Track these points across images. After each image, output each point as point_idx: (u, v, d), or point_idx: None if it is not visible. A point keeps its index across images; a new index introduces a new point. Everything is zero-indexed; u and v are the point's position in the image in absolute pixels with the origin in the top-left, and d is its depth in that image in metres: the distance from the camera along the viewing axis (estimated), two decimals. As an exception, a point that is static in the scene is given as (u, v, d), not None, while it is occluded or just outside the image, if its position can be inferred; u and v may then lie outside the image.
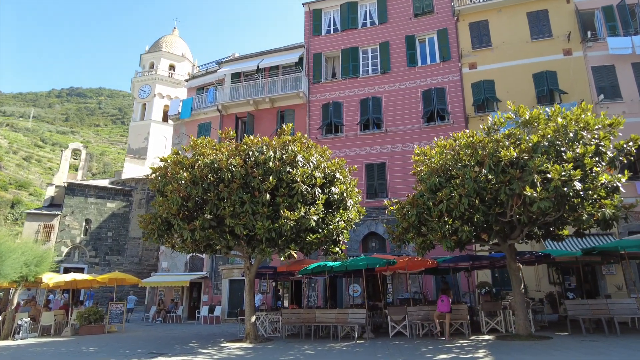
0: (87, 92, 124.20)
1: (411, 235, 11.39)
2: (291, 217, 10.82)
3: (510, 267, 11.74)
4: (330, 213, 12.06)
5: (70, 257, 32.10)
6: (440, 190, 10.60)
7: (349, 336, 13.06)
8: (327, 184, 11.98)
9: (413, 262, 13.58)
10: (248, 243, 11.96)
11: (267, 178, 11.16)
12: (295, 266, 14.93)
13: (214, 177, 11.43)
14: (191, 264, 23.66)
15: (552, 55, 20.09)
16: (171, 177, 11.58)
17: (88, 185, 33.46)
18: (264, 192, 11.01)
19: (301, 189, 11.04)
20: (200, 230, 11.09)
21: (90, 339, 14.64)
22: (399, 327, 12.91)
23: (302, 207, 11.23)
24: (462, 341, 11.22)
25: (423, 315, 12.55)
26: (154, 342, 13.51)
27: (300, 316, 13.37)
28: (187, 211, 11.91)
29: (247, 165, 11.29)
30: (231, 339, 13.28)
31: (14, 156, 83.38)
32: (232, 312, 21.69)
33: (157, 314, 22.69)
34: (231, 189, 11.13)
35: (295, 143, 11.73)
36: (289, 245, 11.42)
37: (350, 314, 12.88)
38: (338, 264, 13.20)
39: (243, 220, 11.05)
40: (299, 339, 13.02)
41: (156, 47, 40.36)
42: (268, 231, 11.01)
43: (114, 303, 17.28)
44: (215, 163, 11.24)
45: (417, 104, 21.60)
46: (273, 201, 11.46)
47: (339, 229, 11.84)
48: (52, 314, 16.58)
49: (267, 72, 24.49)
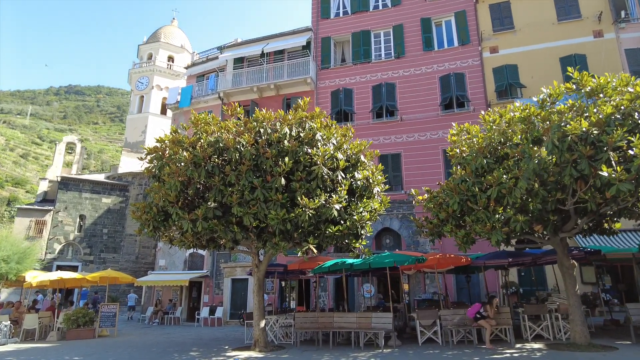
0: (86, 89, 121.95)
1: (450, 227, 9.60)
2: (310, 205, 9.02)
3: (562, 265, 9.96)
4: (353, 202, 10.26)
5: (64, 254, 30.17)
6: (489, 173, 8.84)
7: (372, 343, 11.28)
8: (350, 168, 10.18)
9: (445, 259, 11.80)
10: (258, 236, 10.14)
11: (281, 159, 9.36)
12: (308, 264, 13.10)
13: (219, 158, 9.61)
14: (191, 262, 21.80)
15: (581, 38, 18.38)
16: (169, 158, 9.75)
17: (82, 179, 31.55)
18: (278, 175, 9.20)
19: (321, 173, 9.23)
20: (203, 220, 9.26)
21: (77, 345, 12.78)
22: (429, 333, 11.14)
23: (322, 193, 9.43)
24: (509, 351, 9.44)
25: (459, 320, 10.78)
26: (148, 349, 11.67)
27: (315, 320, 11.57)
28: (187, 199, 10.09)
29: (258, 144, 9.47)
30: (237, 347, 11.45)
31: (10, 153, 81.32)
32: (234, 313, 19.85)
33: (154, 315, 20.81)
34: (239, 172, 9.31)
35: (314, 119, 9.91)
36: (306, 239, 9.61)
37: (374, 318, 11.08)
38: (359, 262, 11.40)
39: (253, 209, 9.23)
40: (314, 347, 11.22)
41: (154, 37, 38.45)
42: (282, 222, 9.19)
43: (106, 304, 15.41)
44: (220, 142, 9.41)
45: (434, 90, 19.85)
46: (288, 187, 9.66)
47: (363, 221, 10.04)
48: (36, 317, 14.70)
49: (272, 58, 22.66)
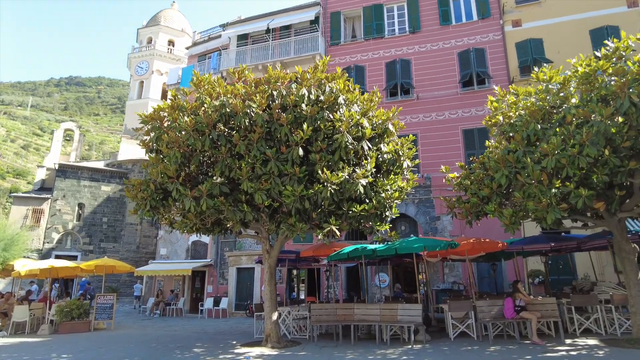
0: (87, 81, 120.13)
1: (493, 206, 8.19)
2: (332, 180, 7.61)
3: (620, 249, 8.58)
4: (379, 178, 8.85)
5: (62, 244, 28.82)
6: (543, 141, 7.42)
7: (397, 338, 9.95)
8: (376, 139, 8.75)
9: (480, 244, 10.41)
10: (270, 217, 8.75)
11: (299, 126, 7.94)
12: (323, 250, 11.75)
13: (225, 126, 8.18)
14: (193, 251, 20.47)
15: (614, 8, 16.82)
16: (168, 127, 8.33)
17: (81, 167, 30.11)
18: (295, 145, 7.78)
19: (345, 142, 7.81)
20: (208, 198, 7.87)
21: (70, 339, 11.48)
22: (462, 326, 9.81)
23: (346, 167, 8.02)
24: (563, 348, 8.08)
25: (497, 311, 9.43)
26: (147, 344, 10.36)
27: (334, 313, 10.22)
28: (189, 174, 8.69)
29: (271, 109, 8.03)
30: (247, 342, 10.12)
31: (11, 144, 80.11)
32: (240, 304, 18.57)
33: (155, 306, 19.52)
34: (250, 142, 7.88)
35: (335, 81, 8.45)
36: (326, 220, 8.21)
37: (401, 309, 9.73)
38: (382, 247, 10.03)
39: (265, 185, 7.83)
40: (333, 342, 9.89)
41: (154, 21, 36.79)
42: (299, 199, 7.79)
43: (102, 295, 14.08)
44: (227, 106, 7.97)
45: (453, 66, 18.34)
46: (306, 159, 8.26)
47: (391, 199, 8.63)
48: (27, 308, 13.38)
49: (278, 34, 21.12)
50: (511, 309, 9.14)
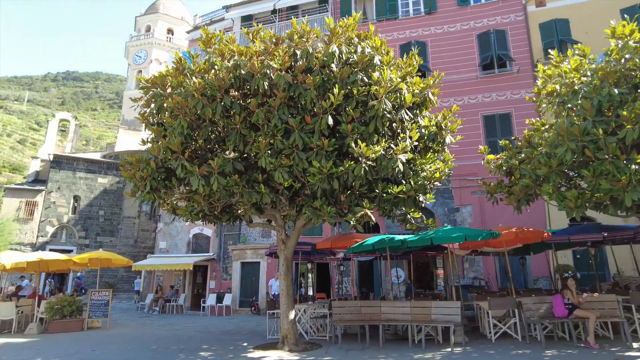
0: (84, 76, 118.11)
1: (551, 187, 6.92)
2: (368, 154, 6.33)
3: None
4: (417, 155, 7.57)
5: (57, 237, 27.42)
6: (621, 108, 6.18)
7: (431, 339, 8.69)
8: (415, 109, 7.46)
9: (523, 234, 9.14)
10: (290, 200, 7.45)
11: (327, 91, 6.65)
12: (342, 242, 10.48)
13: (239, 91, 6.87)
14: (195, 244, 19.14)
15: (646, -15, 15.60)
16: (172, 93, 7.00)
17: (77, 158, 28.68)
18: (323, 113, 6.49)
19: (384, 109, 6.52)
20: (219, 176, 6.57)
21: (60, 340, 10.16)
22: (504, 327, 8.57)
23: (382, 140, 6.74)
24: (633, 353, 6.86)
25: (546, 310, 8.19)
26: (146, 346, 9.05)
27: (358, 311, 8.94)
28: (196, 150, 7.39)
29: (295, 70, 6.72)
30: (260, 345, 8.82)
31: (7, 139, 78.36)
32: (244, 301, 17.27)
33: (154, 303, 18.20)
34: (269, 108, 6.59)
35: (370, 39, 7.15)
36: (358, 203, 6.94)
37: (436, 307, 8.47)
38: (413, 238, 8.75)
39: (287, 161, 6.54)
40: (358, 344, 8.62)
41: (153, 8, 35.29)
42: (327, 178, 6.51)
43: (97, 291, 12.75)
44: (242, 67, 6.66)
45: (472, 49, 17.09)
46: (334, 131, 6.97)
47: (433, 179, 7.35)
48: (13, 305, 12.04)
49: (284, 15, 19.79)
50: (562, 307, 7.92)
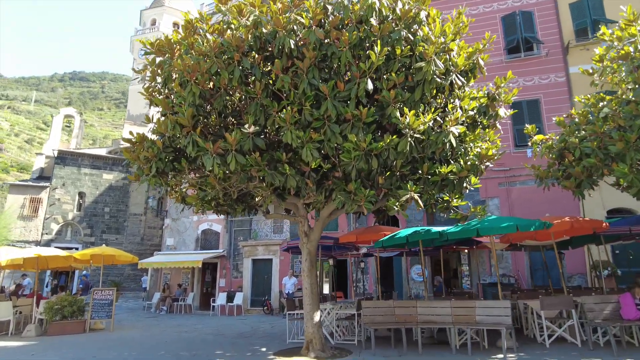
0: (90, 76, 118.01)
1: (626, 167, 5.78)
2: (415, 126, 5.22)
3: None
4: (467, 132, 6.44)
5: (62, 235, 26.49)
6: None
7: (475, 343, 7.57)
8: (463, 77, 6.34)
9: (579, 223, 7.97)
10: (318, 183, 6.36)
11: (364, 50, 5.56)
12: (368, 235, 9.37)
13: (260, 53, 5.77)
14: (203, 240, 18.11)
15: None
16: (181, 56, 5.91)
17: (81, 153, 27.77)
18: (361, 76, 5.38)
19: (432, 74, 5.40)
20: (237, 153, 5.49)
21: (58, 343, 9.12)
22: (559, 329, 7.43)
23: (431, 110, 5.63)
24: None
25: (611, 309, 7.04)
26: (153, 351, 8.00)
27: (391, 312, 7.83)
28: (208, 125, 6.32)
29: (327, 25, 5.61)
30: (281, 350, 7.72)
31: (15, 139, 78.19)
32: (256, 300, 16.23)
33: (162, 302, 17.20)
34: (297, 71, 5.50)
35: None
36: (400, 185, 5.83)
37: (481, 308, 7.36)
38: (454, 230, 7.63)
39: (317, 136, 5.46)
40: (393, 349, 7.52)
41: (158, 2, 34.33)
42: (365, 155, 5.41)
43: (100, 290, 11.73)
44: (263, 24, 5.58)
45: (496, 32, 15.87)
46: (372, 99, 5.88)
47: (488, 158, 6.23)
48: (10, 305, 11.04)
49: None
50: (633, 308, 6.77)
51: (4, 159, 65.19)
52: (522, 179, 14.47)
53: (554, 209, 12.15)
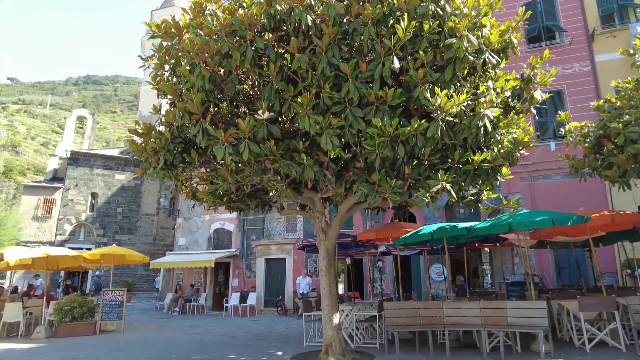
0: (103, 79, 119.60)
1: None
2: (447, 108, 4.70)
3: None
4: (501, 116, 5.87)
5: (75, 235, 26.47)
6: None
7: (507, 347, 6.98)
8: (498, 56, 5.78)
9: (620, 217, 7.32)
10: (338, 175, 5.86)
11: (388, 27, 5.05)
12: (389, 232, 8.84)
13: (274, 33, 5.30)
14: (215, 240, 17.75)
15: None
16: (190, 38, 5.47)
17: (94, 154, 27.73)
18: (386, 55, 4.87)
19: (465, 48, 4.87)
20: (250, 142, 5.02)
21: (67, 345, 8.78)
22: (601, 333, 6.80)
23: (464, 91, 5.09)
24: None
25: (660, 312, 6.40)
26: (165, 354, 7.58)
27: (415, 314, 7.29)
28: (219, 113, 5.87)
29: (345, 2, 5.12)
30: (298, 354, 7.22)
31: (32, 142, 79.43)
32: (270, 300, 15.79)
33: (174, 303, 16.88)
34: (315, 50, 5.01)
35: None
36: (430, 175, 5.30)
37: (513, 309, 6.77)
38: (484, 225, 7.06)
39: (337, 122, 4.96)
40: (416, 352, 6.98)
41: (169, 2, 34.24)
42: (391, 142, 4.90)
43: (110, 290, 11.41)
44: (276, 1, 5.11)
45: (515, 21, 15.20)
46: (398, 80, 5.36)
47: (523, 144, 5.66)
48: (19, 306, 10.77)
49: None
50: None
51: (20, 161, 66.20)
52: (545, 173, 13.79)
53: (581, 204, 11.45)
